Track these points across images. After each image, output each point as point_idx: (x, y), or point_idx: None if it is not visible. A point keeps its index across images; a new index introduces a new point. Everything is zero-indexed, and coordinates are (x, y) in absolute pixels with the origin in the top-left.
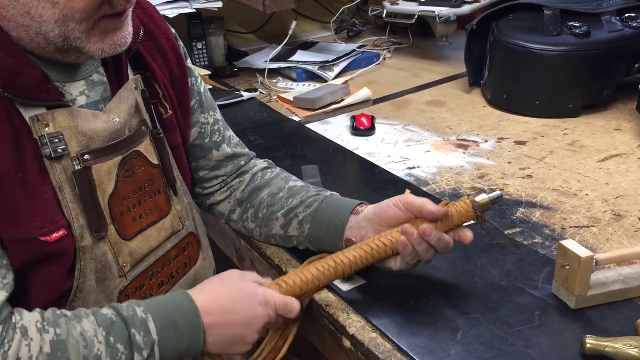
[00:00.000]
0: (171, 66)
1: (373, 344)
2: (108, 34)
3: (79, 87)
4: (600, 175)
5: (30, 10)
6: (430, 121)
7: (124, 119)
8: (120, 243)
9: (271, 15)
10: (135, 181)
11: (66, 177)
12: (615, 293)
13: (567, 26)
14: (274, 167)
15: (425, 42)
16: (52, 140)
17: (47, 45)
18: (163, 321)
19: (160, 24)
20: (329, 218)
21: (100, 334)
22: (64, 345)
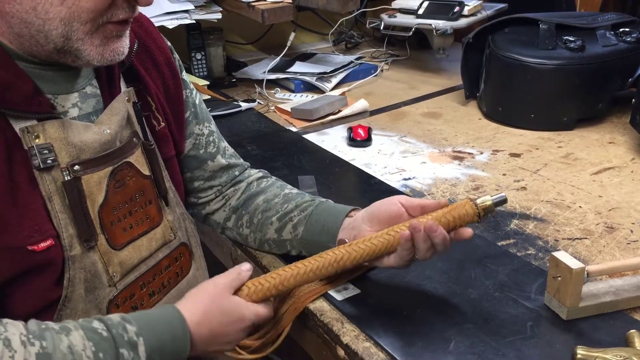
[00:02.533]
0: (165, 79)
1: (367, 354)
2: (109, 40)
3: (72, 99)
4: (594, 188)
5: (37, 7)
6: (427, 133)
7: (115, 130)
8: (110, 253)
9: (270, 26)
10: (125, 192)
11: (56, 188)
12: (607, 305)
13: (562, 40)
14: (269, 177)
15: (423, 54)
16: (42, 151)
17: (46, 45)
18: (153, 347)
19: (156, 37)
20: (323, 221)
21: (90, 349)
22: (50, 359)
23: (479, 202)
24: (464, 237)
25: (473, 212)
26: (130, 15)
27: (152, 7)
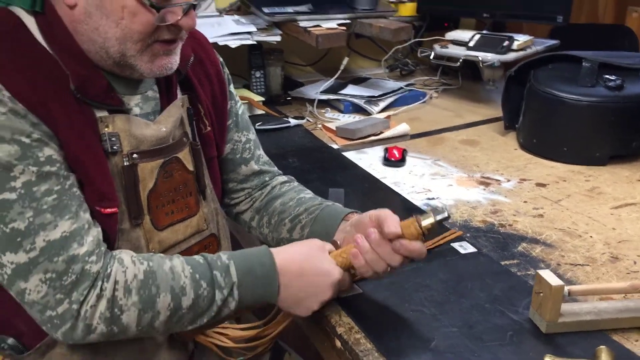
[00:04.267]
0: (214, 90)
1: (356, 343)
2: (157, 57)
3: (136, 100)
4: (610, 220)
5: (99, 27)
6: (461, 158)
7: (170, 129)
8: (152, 231)
9: (327, 50)
10: (172, 182)
11: (117, 170)
12: (587, 323)
13: (602, 79)
14: (292, 182)
15: (474, 85)
16: (110, 138)
17: (107, 59)
18: (243, 268)
19: (210, 53)
20: (325, 223)
21: (188, 270)
22: (154, 275)
23: (423, 223)
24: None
25: (417, 232)
26: (175, 36)
27: (219, 27)
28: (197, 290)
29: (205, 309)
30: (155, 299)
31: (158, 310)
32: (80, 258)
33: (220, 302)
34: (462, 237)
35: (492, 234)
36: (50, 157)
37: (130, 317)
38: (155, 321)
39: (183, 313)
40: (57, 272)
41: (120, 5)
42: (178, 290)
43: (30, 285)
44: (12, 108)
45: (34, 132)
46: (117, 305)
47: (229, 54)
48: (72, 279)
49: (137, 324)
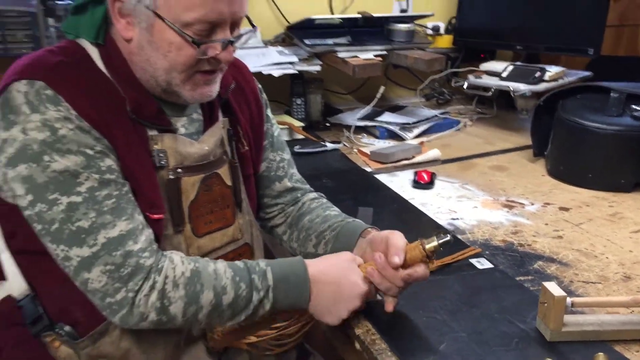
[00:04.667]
0: (252, 113)
1: (371, 344)
2: (199, 86)
3: (182, 121)
4: (628, 243)
5: (149, 59)
6: (488, 183)
7: (211, 148)
8: (192, 238)
9: (367, 79)
10: (211, 195)
11: (163, 183)
12: (589, 333)
13: (630, 109)
14: (321, 199)
15: (508, 114)
16: (159, 154)
17: (156, 86)
18: (279, 275)
19: (249, 80)
20: (345, 239)
21: (229, 273)
22: (200, 274)
23: (427, 246)
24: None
25: (421, 254)
26: (215, 68)
27: (264, 57)
28: (236, 290)
29: (243, 308)
30: (200, 294)
31: (201, 305)
32: (135, 253)
33: (256, 302)
34: (481, 254)
35: (510, 252)
36: (110, 166)
37: (177, 308)
38: (199, 314)
39: (223, 309)
40: (115, 265)
41: (167, 41)
42: (220, 289)
43: (93, 275)
44: (78, 125)
45: (96, 145)
46: (167, 297)
47: (272, 82)
48: (128, 270)
49: (182, 315)
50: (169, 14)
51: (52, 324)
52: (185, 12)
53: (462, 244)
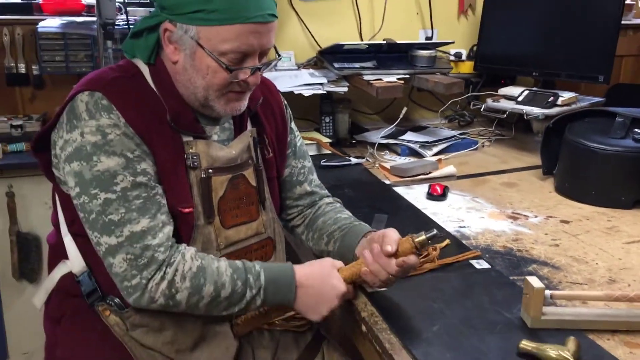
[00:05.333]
0: (278, 125)
1: (374, 324)
2: (230, 101)
3: (215, 129)
4: (619, 253)
5: (191, 79)
6: (497, 197)
7: (238, 152)
8: (220, 229)
9: (392, 101)
10: (238, 193)
11: (196, 181)
12: (566, 322)
13: (633, 132)
14: (335, 204)
15: (526, 136)
16: (193, 157)
17: (195, 101)
18: (270, 277)
19: (276, 96)
20: (349, 239)
21: (229, 271)
22: (204, 271)
23: (416, 239)
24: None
25: (411, 246)
26: (245, 89)
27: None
28: (233, 286)
29: (237, 301)
30: (202, 287)
31: (203, 295)
32: (152, 247)
33: (249, 298)
34: (481, 257)
35: (508, 256)
36: (144, 169)
37: (182, 296)
38: (200, 303)
39: (220, 300)
40: (134, 255)
41: (206, 65)
42: (220, 284)
43: (116, 261)
44: (124, 131)
45: (136, 149)
46: (175, 287)
47: (302, 102)
48: (144, 261)
49: (186, 302)
50: (208, 44)
51: (104, 296)
52: (222, 43)
53: (464, 247)
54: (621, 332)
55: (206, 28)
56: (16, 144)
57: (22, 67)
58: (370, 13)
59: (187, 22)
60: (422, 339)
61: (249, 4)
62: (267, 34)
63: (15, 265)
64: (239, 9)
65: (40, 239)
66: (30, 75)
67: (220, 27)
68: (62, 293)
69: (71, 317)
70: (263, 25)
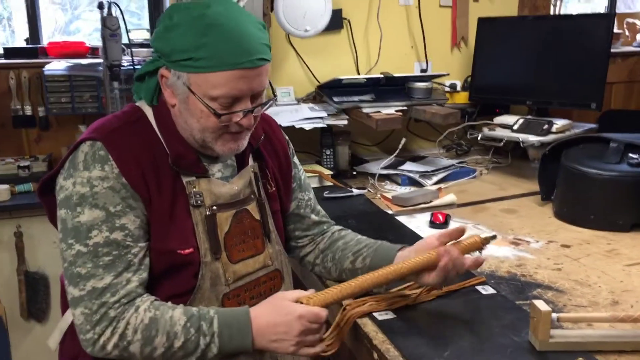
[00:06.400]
0: (280, 160)
1: (386, 351)
2: (228, 142)
3: (218, 167)
4: (621, 275)
5: (187, 121)
6: (498, 224)
7: (240, 188)
8: (228, 264)
9: (390, 132)
10: (242, 227)
11: (201, 219)
12: (573, 344)
13: (627, 157)
14: (347, 229)
15: (522, 163)
16: (196, 195)
17: (194, 142)
18: (224, 322)
19: (277, 133)
20: (384, 253)
21: (182, 319)
22: (156, 322)
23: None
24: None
25: (480, 241)
26: (240, 130)
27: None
28: (186, 335)
29: (192, 350)
30: (155, 338)
31: (155, 346)
32: (107, 304)
33: (203, 346)
34: (486, 282)
35: (513, 281)
36: (123, 225)
37: (135, 347)
38: (154, 353)
39: (175, 351)
40: (91, 310)
41: (199, 109)
42: (172, 334)
43: (76, 312)
44: (112, 185)
45: (120, 204)
46: (126, 340)
47: (303, 135)
48: (97, 317)
49: (140, 353)
50: (199, 90)
51: None
52: (212, 89)
53: (469, 273)
54: (628, 352)
55: (196, 75)
56: (24, 185)
57: (29, 109)
58: (366, 47)
59: (179, 69)
60: None
61: (237, 51)
62: (257, 78)
63: (23, 304)
64: (226, 55)
65: (48, 278)
66: (36, 116)
67: (209, 74)
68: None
69: (86, 356)
70: (251, 70)
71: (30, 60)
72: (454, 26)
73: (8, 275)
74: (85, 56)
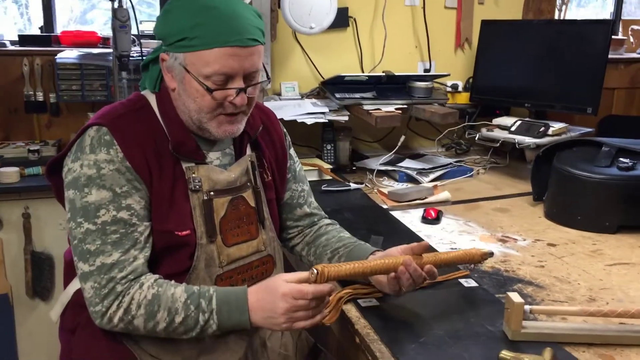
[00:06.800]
0: (277, 151)
1: (366, 335)
2: (222, 124)
3: (217, 155)
4: (601, 274)
5: (185, 103)
6: (489, 222)
7: (237, 176)
8: (222, 247)
9: (391, 130)
10: (238, 213)
11: (199, 203)
12: (544, 335)
13: (618, 161)
14: (335, 224)
15: (520, 164)
16: (195, 181)
17: (192, 124)
18: (222, 300)
19: (275, 124)
20: (356, 255)
21: (183, 296)
22: (159, 298)
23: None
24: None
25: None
26: (235, 111)
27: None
28: (186, 311)
29: (192, 326)
30: (157, 313)
31: (157, 321)
32: (115, 279)
33: (202, 323)
34: (469, 276)
35: (496, 276)
36: (129, 205)
37: (139, 322)
38: (156, 327)
39: (176, 326)
40: (100, 284)
41: (195, 89)
42: (173, 310)
43: (86, 286)
44: (118, 167)
45: (125, 185)
46: (130, 313)
47: (305, 129)
48: (106, 291)
49: (144, 327)
50: (193, 68)
51: None
52: (205, 67)
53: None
54: (596, 345)
55: (190, 54)
56: (33, 168)
57: (40, 96)
58: (371, 46)
59: (176, 50)
60: (410, 349)
61: (228, 30)
62: (249, 57)
63: (29, 283)
64: (218, 34)
65: (54, 258)
66: (47, 103)
67: (202, 52)
68: (77, 306)
69: (85, 327)
70: (242, 49)
71: (44, 47)
72: (459, 27)
73: (15, 255)
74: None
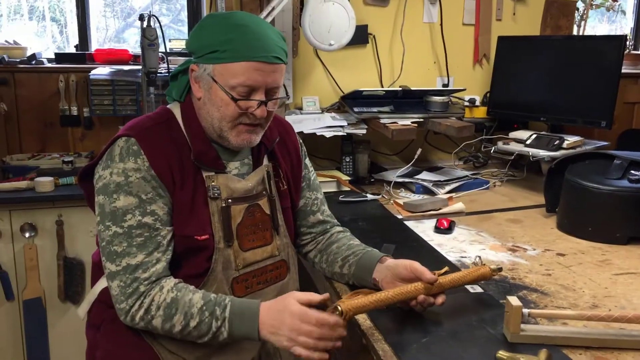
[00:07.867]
0: (293, 162)
1: (371, 335)
2: (241, 133)
3: (236, 164)
4: (607, 283)
5: (209, 111)
6: (501, 232)
7: (254, 184)
8: (238, 251)
9: (409, 143)
10: (254, 220)
11: (217, 209)
12: (542, 338)
13: (629, 174)
14: (346, 232)
15: (537, 177)
16: (214, 188)
17: (213, 132)
18: (236, 310)
19: (291, 136)
20: (365, 264)
21: (200, 303)
22: (177, 302)
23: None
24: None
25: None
26: (254, 122)
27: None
28: (201, 317)
29: (205, 332)
30: (174, 316)
31: (174, 323)
32: (139, 280)
33: (215, 329)
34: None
35: (502, 283)
36: (153, 211)
37: (157, 322)
38: (173, 329)
39: (190, 330)
40: (125, 283)
41: (220, 98)
42: (189, 315)
43: (113, 285)
44: (144, 175)
45: (151, 192)
46: (150, 314)
47: (325, 142)
48: (130, 291)
49: (161, 328)
50: (221, 79)
51: None
52: (231, 78)
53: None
54: (594, 348)
55: (219, 65)
56: (67, 178)
57: (75, 110)
58: (390, 62)
59: (206, 62)
60: (412, 348)
61: (256, 46)
62: (272, 74)
63: (61, 287)
64: (246, 49)
65: (85, 264)
66: (81, 117)
67: (230, 64)
68: (103, 303)
69: (109, 323)
70: (267, 65)
71: (79, 65)
72: (477, 43)
73: (49, 261)
74: (128, 63)
